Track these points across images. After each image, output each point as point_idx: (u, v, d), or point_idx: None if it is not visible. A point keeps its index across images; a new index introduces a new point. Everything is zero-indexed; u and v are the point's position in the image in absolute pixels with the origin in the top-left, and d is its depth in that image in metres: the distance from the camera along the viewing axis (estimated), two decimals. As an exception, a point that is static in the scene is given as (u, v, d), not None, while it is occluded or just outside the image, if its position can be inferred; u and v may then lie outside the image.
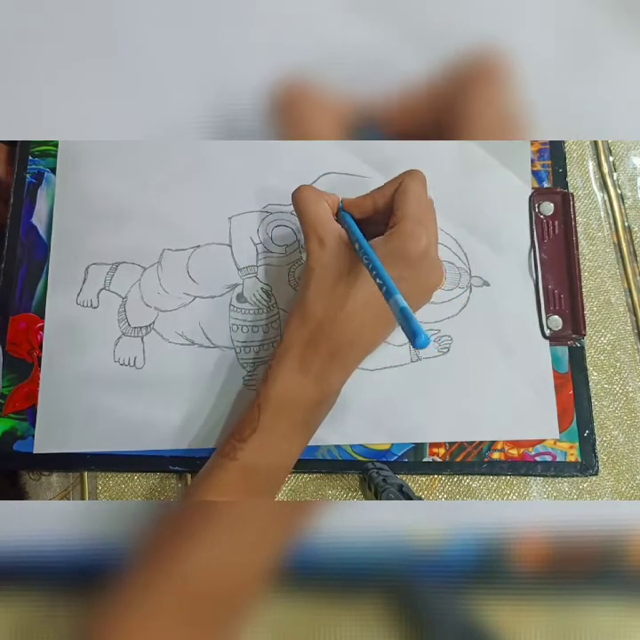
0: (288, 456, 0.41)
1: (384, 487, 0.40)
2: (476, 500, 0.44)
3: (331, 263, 0.39)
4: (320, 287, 0.39)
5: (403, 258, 0.38)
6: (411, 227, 0.38)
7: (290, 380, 0.39)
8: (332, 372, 0.40)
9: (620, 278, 0.49)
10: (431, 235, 0.39)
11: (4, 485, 0.45)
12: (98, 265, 0.48)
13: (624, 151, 0.51)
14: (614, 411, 0.46)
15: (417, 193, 0.39)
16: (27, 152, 0.50)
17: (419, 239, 0.38)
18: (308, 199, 0.40)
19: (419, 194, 0.39)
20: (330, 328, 0.39)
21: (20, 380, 0.46)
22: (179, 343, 0.46)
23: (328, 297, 0.39)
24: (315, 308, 0.39)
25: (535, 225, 0.48)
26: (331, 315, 0.39)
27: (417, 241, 0.38)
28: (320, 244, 0.39)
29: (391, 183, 0.40)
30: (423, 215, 0.39)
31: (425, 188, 0.40)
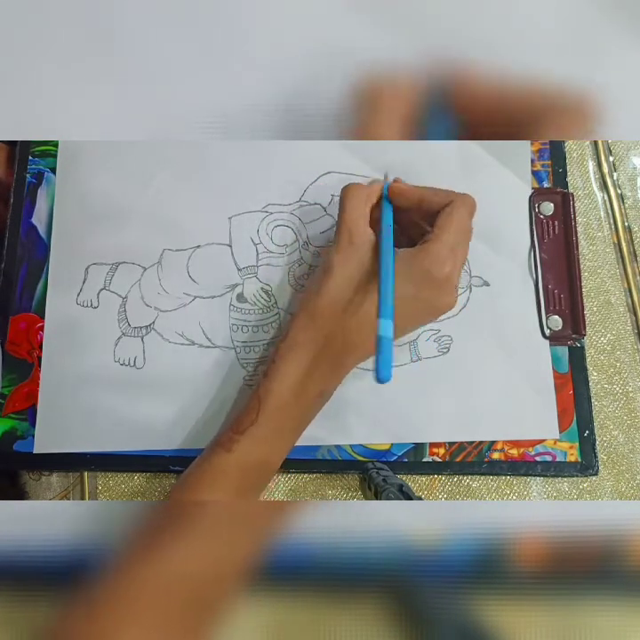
0: (280, 453, 0.41)
1: (384, 487, 0.40)
2: (476, 499, 0.44)
3: (354, 266, 0.39)
4: (336, 289, 0.39)
5: (423, 278, 0.38)
6: (441, 251, 0.38)
7: (292, 378, 0.39)
8: (334, 374, 0.41)
9: (620, 278, 0.49)
10: (458, 262, 0.39)
11: (4, 485, 0.45)
12: (98, 265, 0.48)
13: (624, 151, 0.51)
14: (614, 411, 0.46)
15: (461, 221, 0.39)
16: (27, 152, 0.50)
17: (444, 265, 0.38)
18: (353, 199, 0.40)
19: (462, 222, 0.39)
20: (340, 333, 0.39)
21: (20, 380, 0.46)
22: (179, 343, 0.46)
23: (343, 301, 0.39)
24: (327, 310, 0.39)
25: (535, 225, 0.48)
26: (342, 320, 0.39)
27: (442, 266, 0.38)
28: (349, 243, 0.39)
29: (443, 195, 0.40)
30: (458, 244, 0.39)
31: (470, 217, 0.40)
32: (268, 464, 0.41)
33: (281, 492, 0.45)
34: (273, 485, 0.45)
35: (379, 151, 0.49)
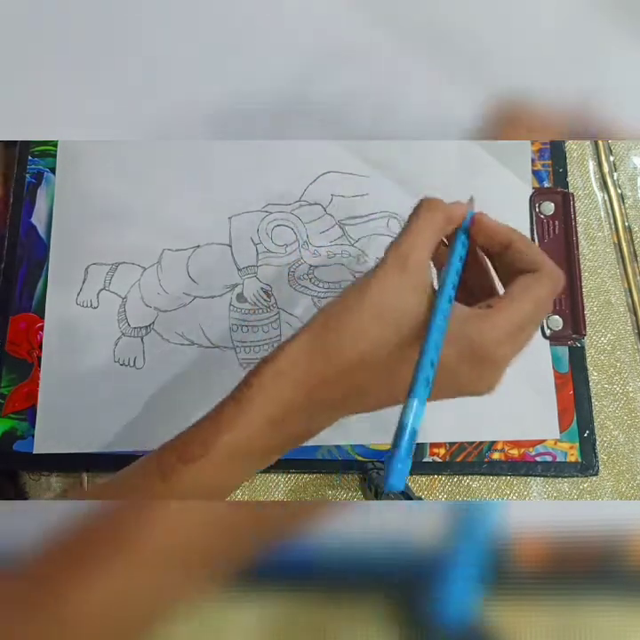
0: (229, 489, 0.33)
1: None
2: (476, 499, 0.44)
3: (395, 300, 0.30)
4: (363, 321, 0.29)
5: (471, 350, 0.29)
6: (506, 327, 0.30)
7: (264, 414, 0.30)
8: (324, 417, 0.32)
9: (620, 278, 0.49)
10: (519, 346, 0.31)
11: (4, 485, 0.45)
12: (98, 265, 0.48)
13: (624, 151, 0.51)
14: (614, 411, 0.46)
15: (541, 298, 0.31)
16: (27, 152, 0.50)
17: (503, 345, 0.30)
18: (431, 218, 0.31)
19: (542, 300, 0.31)
20: (346, 377, 0.30)
21: (20, 380, 0.46)
22: (179, 343, 0.46)
23: (367, 341, 0.29)
24: (342, 345, 0.30)
25: (535, 225, 0.48)
26: (358, 364, 0.30)
27: (500, 346, 0.30)
28: (402, 270, 0.30)
29: (533, 255, 0.32)
30: (528, 324, 0.31)
31: (553, 297, 0.32)
32: (210, 497, 0.32)
33: (281, 492, 0.45)
34: (273, 485, 0.45)
35: (379, 151, 0.49)
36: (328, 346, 0.30)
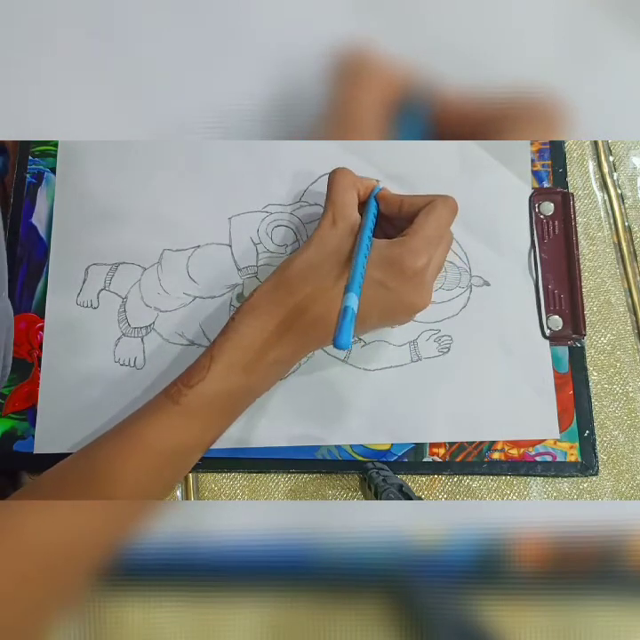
0: (227, 416, 0.40)
1: (384, 487, 0.40)
2: (476, 499, 0.44)
3: (332, 244, 0.39)
4: (311, 262, 0.39)
5: (395, 268, 0.38)
6: (417, 243, 0.38)
7: (249, 340, 0.39)
8: (295, 346, 0.40)
9: (620, 278, 0.49)
10: (434, 260, 0.39)
11: (4, 485, 0.45)
12: (98, 265, 0.48)
13: (624, 151, 0.51)
14: (614, 411, 0.46)
15: (441, 218, 0.39)
16: (27, 152, 0.50)
17: (418, 257, 0.38)
18: (341, 182, 0.41)
19: (442, 220, 0.39)
20: (308, 306, 0.38)
21: (20, 380, 0.46)
22: (179, 343, 0.46)
23: (315, 275, 0.39)
24: (295, 281, 0.39)
25: (535, 225, 0.48)
26: (311, 293, 0.38)
27: (416, 258, 0.38)
28: (333, 222, 0.40)
29: (423, 198, 0.41)
30: (435, 239, 0.39)
31: (451, 219, 0.40)
32: (214, 423, 0.40)
33: (281, 492, 0.45)
34: (273, 485, 0.45)
35: (379, 151, 0.49)
36: (288, 282, 0.39)
